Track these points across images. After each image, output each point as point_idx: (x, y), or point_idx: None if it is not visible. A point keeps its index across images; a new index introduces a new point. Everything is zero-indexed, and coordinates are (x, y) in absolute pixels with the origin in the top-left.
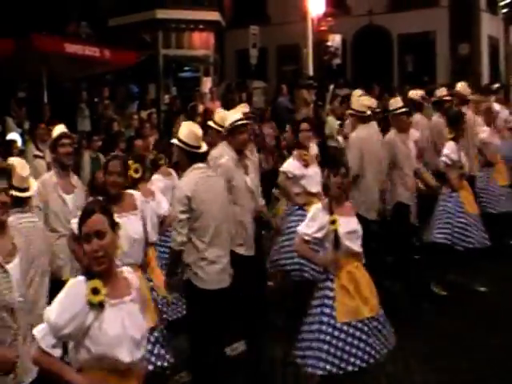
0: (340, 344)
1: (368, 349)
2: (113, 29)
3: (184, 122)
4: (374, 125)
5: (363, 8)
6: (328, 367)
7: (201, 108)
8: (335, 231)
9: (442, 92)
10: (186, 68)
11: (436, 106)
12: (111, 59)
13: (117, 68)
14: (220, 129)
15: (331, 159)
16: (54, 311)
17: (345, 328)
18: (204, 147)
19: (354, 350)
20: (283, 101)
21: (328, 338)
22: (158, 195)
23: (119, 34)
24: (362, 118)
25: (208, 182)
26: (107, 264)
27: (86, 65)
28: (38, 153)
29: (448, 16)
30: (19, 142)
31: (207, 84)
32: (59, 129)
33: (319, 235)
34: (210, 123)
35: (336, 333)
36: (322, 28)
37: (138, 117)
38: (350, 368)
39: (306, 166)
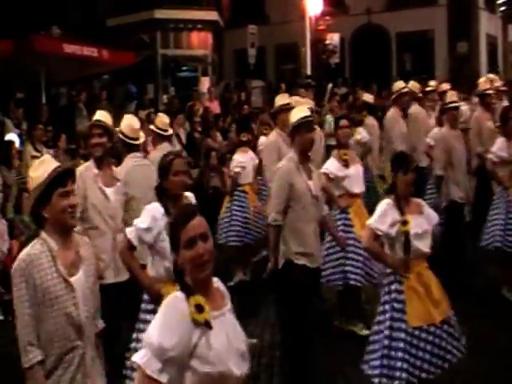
0: (413, 350)
1: (442, 353)
2: (111, 29)
3: (125, 116)
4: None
5: (361, 7)
6: (404, 375)
7: (199, 107)
8: (406, 232)
9: (484, 85)
10: (185, 68)
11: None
12: (109, 59)
13: (115, 68)
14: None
15: (399, 157)
16: (156, 333)
17: (417, 333)
18: (141, 139)
19: (427, 356)
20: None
21: (401, 344)
22: None
23: (117, 34)
24: None
25: (142, 170)
26: (211, 270)
27: (84, 65)
28: (35, 153)
29: (446, 14)
30: (17, 143)
31: (205, 84)
32: (97, 115)
33: (392, 232)
34: None
35: (408, 338)
36: (321, 27)
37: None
38: (424, 375)
39: (347, 166)
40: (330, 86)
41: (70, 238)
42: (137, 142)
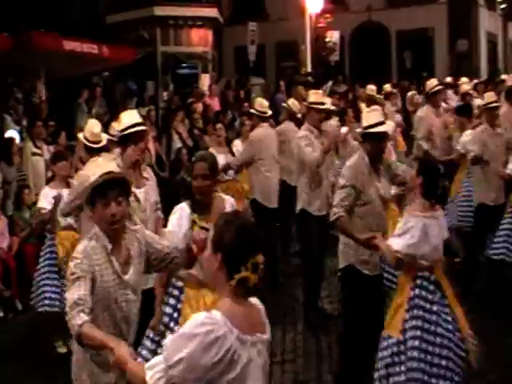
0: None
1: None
2: (111, 26)
3: (89, 120)
4: None
5: (362, 4)
6: None
7: (199, 105)
8: None
9: (432, 84)
10: (184, 65)
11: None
12: (109, 56)
13: (115, 65)
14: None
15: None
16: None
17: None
18: (103, 142)
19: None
20: (281, 97)
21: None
22: None
23: (117, 31)
24: None
25: None
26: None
27: (84, 62)
28: (35, 150)
29: (446, 12)
30: (17, 140)
31: (206, 81)
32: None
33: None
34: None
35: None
36: (320, 24)
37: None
38: None
39: None
40: (330, 83)
41: (120, 237)
42: (97, 146)
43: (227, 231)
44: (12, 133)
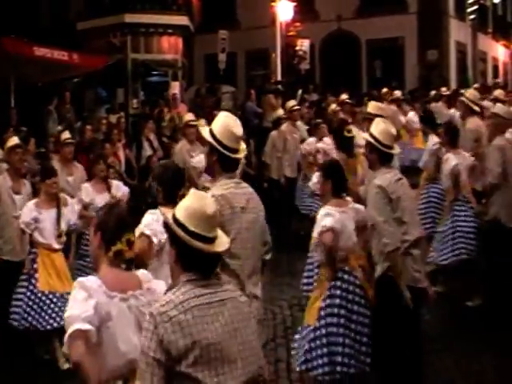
0: None
1: None
2: (81, 32)
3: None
4: None
5: (332, 13)
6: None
7: (168, 113)
8: None
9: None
10: (155, 72)
11: None
12: (80, 63)
13: (85, 72)
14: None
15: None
16: None
17: None
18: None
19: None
20: (251, 105)
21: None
22: None
23: (88, 38)
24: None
25: None
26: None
27: (54, 68)
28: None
29: (416, 22)
30: None
31: (175, 88)
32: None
33: None
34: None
35: None
36: (291, 33)
37: (106, 121)
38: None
39: None
40: (300, 91)
41: None
42: None
43: (106, 215)
44: None
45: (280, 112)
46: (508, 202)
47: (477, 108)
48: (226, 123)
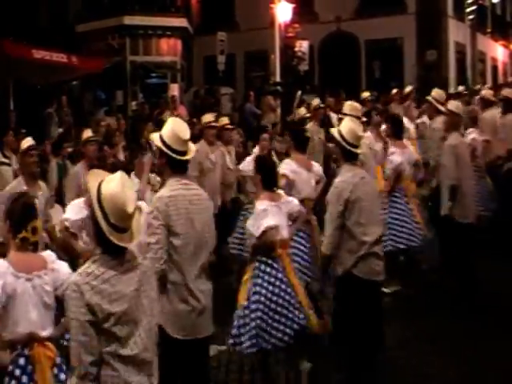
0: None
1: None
2: (80, 35)
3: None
4: None
5: (331, 14)
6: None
7: (168, 115)
8: None
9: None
10: (154, 74)
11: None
12: (79, 65)
13: (84, 74)
14: None
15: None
16: None
17: None
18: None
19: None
20: (250, 107)
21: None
22: None
23: (87, 40)
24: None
25: None
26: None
27: (53, 71)
28: (4, 160)
29: (415, 23)
30: None
31: (174, 90)
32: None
33: None
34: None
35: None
36: (290, 34)
37: (105, 123)
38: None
39: None
40: (299, 93)
41: None
42: None
43: (13, 204)
44: None
45: (303, 111)
46: (460, 199)
47: (442, 108)
48: (173, 128)
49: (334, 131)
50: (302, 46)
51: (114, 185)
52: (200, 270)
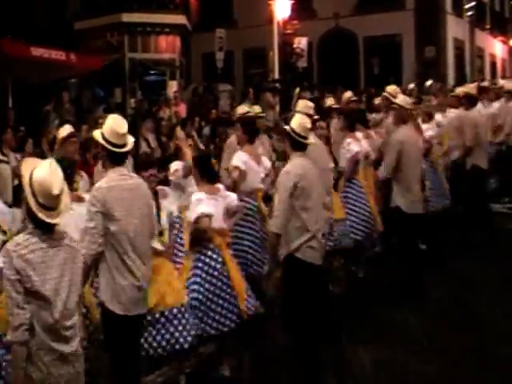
0: None
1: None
2: (79, 32)
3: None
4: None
5: (329, 11)
6: None
7: (166, 112)
8: None
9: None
10: (152, 72)
11: None
12: (77, 63)
13: (83, 72)
14: None
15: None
16: None
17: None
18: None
19: None
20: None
21: None
22: None
23: (85, 38)
24: None
25: None
26: None
27: (52, 69)
28: (2, 157)
29: (414, 19)
30: None
31: (173, 87)
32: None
33: None
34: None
35: None
36: (288, 31)
37: (103, 121)
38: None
39: None
40: (298, 90)
41: None
42: None
43: None
44: None
45: (331, 102)
46: (405, 191)
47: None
48: (111, 124)
49: (285, 126)
50: (301, 42)
51: (44, 170)
52: (139, 253)
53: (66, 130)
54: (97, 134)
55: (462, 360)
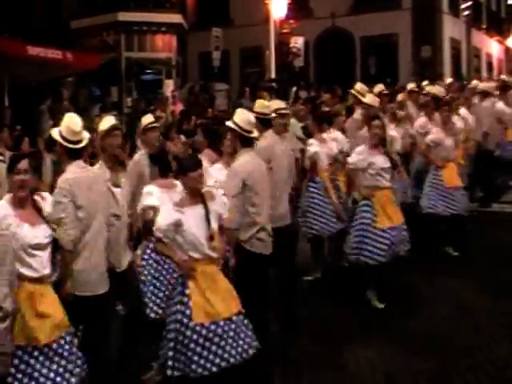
0: (192, 345)
1: (220, 352)
2: (75, 31)
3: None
4: None
5: (326, 10)
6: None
7: (162, 111)
8: None
9: None
10: (149, 71)
11: None
12: (74, 62)
13: (79, 71)
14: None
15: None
16: None
17: (198, 329)
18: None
19: (205, 353)
20: (245, 103)
21: (180, 337)
22: None
23: (82, 37)
24: None
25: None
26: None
27: (48, 67)
28: None
29: (410, 18)
30: None
31: (170, 86)
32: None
33: None
34: None
35: (188, 333)
36: (285, 30)
37: (99, 120)
38: (200, 370)
39: None
40: (294, 89)
41: None
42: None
43: None
44: None
45: (402, 97)
46: None
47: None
48: (67, 122)
49: (228, 122)
50: (297, 42)
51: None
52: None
53: (108, 121)
54: (54, 133)
55: (462, 360)
